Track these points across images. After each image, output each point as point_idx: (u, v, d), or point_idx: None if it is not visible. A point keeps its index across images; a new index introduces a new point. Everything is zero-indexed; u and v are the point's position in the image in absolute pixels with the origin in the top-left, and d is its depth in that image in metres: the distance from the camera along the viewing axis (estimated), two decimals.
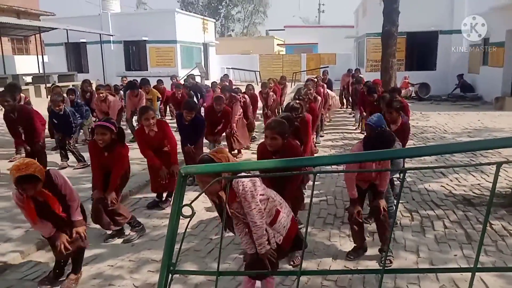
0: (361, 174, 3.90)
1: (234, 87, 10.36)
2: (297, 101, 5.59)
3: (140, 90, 9.51)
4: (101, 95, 8.53)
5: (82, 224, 3.45)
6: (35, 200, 3.25)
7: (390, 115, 5.17)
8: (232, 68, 26.54)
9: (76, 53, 23.79)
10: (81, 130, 9.37)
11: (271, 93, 9.90)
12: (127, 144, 4.62)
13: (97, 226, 4.92)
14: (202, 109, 9.42)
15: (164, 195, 5.64)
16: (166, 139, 5.18)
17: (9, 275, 3.79)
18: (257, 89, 10.57)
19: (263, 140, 3.90)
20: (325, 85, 11.14)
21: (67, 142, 7.28)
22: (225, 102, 7.83)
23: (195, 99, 10.91)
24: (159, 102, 11.47)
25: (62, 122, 7.22)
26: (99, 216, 4.36)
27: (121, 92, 11.29)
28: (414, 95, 16.97)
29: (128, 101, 9.44)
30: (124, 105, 10.06)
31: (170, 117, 12.31)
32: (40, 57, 17.95)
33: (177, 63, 22.96)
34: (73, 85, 15.21)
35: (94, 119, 9.37)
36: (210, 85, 12.28)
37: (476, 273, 1.14)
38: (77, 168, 7.21)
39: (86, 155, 7.28)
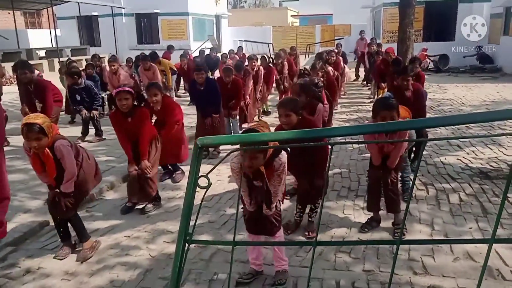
0: (377, 147, 3.87)
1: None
2: (322, 79, 5.52)
3: (152, 63, 9.48)
4: (112, 67, 8.51)
5: (66, 197, 3.51)
6: (39, 158, 3.38)
7: (406, 82, 5.06)
8: (244, 41, 26.20)
9: (88, 27, 23.70)
10: None
11: (285, 63, 9.76)
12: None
13: (113, 196, 5.02)
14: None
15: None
16: (168, 116, 5.17)
17: (29, 244, 3.90)
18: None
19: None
20: (341, 58, 10.94)
21: (94, 116, 7.31)
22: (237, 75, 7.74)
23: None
24: (174, 75, 11.41)
25: (84, 96, 7.24)
26: (134, 189, 4.49)
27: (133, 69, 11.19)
28: (432, 67, 16.60)
29: (143, 77, 9.43)
30: (139, 81, 10.05)
31: (184, 91, 12.28)
32: (52, 31, 17.94)
33: (189, 36, 22.75)
34: (86, 59, 15.25)
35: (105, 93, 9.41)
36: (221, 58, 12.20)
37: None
38: (93, 142, 7.29)
39: (102, 128, 7.39)
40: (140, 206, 4.63)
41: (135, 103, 4.39)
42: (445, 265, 3.34)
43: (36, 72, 8.29)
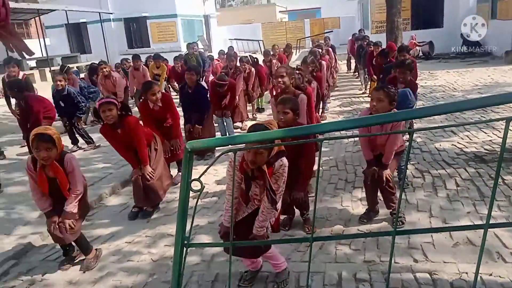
0: (370, 142, 3.88)
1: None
2: (298, 71, 5.49)
3: (143, 66, 9.41)
4: (104, 69, 8.41)
5: (72, 217, 3.43)
6: (46, 175, 3.35)
7: (403, 75, 5.12)
8: (235, 39, 26.16)
9: (77, 34, 23.62)
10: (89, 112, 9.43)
11: (274, 61, 9.77)
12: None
13: (112, 203, 5.03)
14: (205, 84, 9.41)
15: (175, 172, 5.67)
16: (169, 113, 5.16)
17: (31, 256, 3.90)
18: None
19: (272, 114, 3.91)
20: (330, 50, 10.93)
21: (75, 124, 7.28)
22: (230, 72, 7.76)
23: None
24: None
25: (68, 103, 7.12)
26: (139, 195, 4.48)
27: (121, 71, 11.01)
28: (422, 54, 16.63)
29: (131, 78, 9.36)
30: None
31: (175, 93, 12.24)
32: (42, 40, 17.85)
33: (179, 38, 22.72)
34: (77, 67, 15.19)
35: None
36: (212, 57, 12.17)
37: (490, 229, 1.14)
38: (87, 150, 7.27)
39: (95, 136, 7.36)
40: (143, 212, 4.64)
41: (121, 112, 4.24)
42: (445, 251, 3.37)
43: (22, 73, 8.15)
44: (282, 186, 2.83)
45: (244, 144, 2.50)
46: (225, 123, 7.09)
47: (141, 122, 4.71)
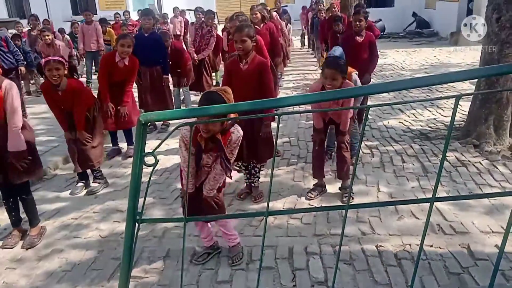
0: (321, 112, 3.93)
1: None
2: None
3: (94, 21, 8.84)
4: (47, 37, 7.82)
5: (20, 156, 3.15)
6: None
7: (358, 24, 4.96)
8: (187, 10, 25.38)
9: None
10: (31, 81, 8.89)
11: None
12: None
13: (57, 178, 4.80)
14: None
15: (124, 146, 5.48)
16: (132, 75, 4.98)
17: None
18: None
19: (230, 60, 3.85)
20: (276, 15, 10.60)
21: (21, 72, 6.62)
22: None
23: None
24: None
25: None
26: (74, 159, 4.30)
27: (67, 36, 10.40)
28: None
29: (80, 36, 8.76)
30: (75, 48, 9.49)
31: None
32: None
33: (128, 5, 21.70)
34: (16, 33, 14.13)
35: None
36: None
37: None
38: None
39: (41, 106, 6.96)
40: (89, 188, 4.47)
41: (68, 73, 3.99)
42: (390, 224, 3.51)
43: None
44: (235, 154, 2.84)
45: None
46: (182, 94, 6.81)
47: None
